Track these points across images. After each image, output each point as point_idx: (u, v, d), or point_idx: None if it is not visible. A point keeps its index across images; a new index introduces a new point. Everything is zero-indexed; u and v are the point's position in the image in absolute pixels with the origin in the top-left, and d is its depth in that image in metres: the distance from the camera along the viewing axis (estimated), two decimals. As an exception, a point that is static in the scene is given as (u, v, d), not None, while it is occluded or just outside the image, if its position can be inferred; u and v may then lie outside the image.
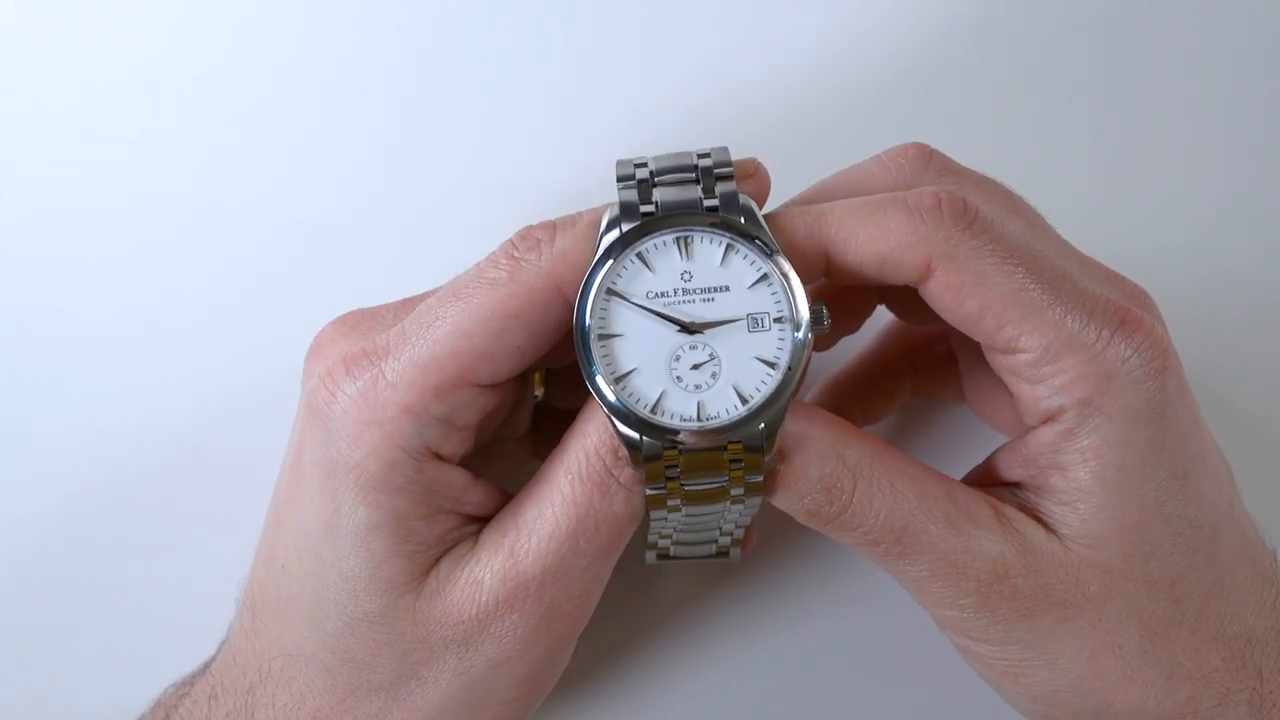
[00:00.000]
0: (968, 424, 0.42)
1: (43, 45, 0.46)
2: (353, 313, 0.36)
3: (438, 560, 0.33)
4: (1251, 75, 0.47)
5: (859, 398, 0.42)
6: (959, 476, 0.36)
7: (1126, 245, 0.39)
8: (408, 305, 0.35)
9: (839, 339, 0.41)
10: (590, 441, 0.32)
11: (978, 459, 0.37)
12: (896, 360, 0.42)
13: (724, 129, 0.45)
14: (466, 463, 0.38)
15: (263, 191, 0.45)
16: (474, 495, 0.34)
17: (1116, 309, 0.32)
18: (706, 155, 0.33)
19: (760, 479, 0.32)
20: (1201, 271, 0.45)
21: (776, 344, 0.31)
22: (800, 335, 0.31)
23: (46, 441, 0.44)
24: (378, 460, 0.32)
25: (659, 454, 0.31)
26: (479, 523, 0.34)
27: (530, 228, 0.33)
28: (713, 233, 0.31)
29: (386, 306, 0.36)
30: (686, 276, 0.31)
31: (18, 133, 0.46)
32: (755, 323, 0.31)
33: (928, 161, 0.35)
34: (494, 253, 0.33)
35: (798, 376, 0.31)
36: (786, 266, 0.31)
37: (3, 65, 0.46)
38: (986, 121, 0.47)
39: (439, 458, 0.33)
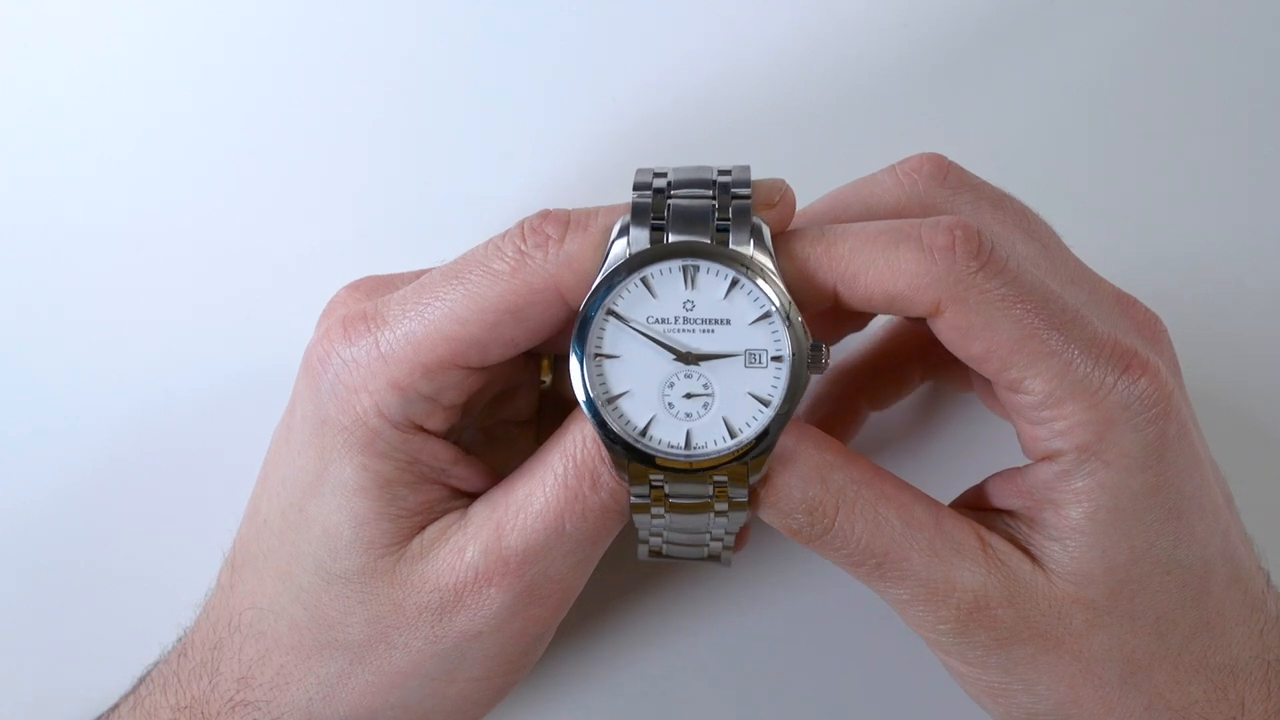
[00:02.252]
0: (980, 421, 0.42)
1: (43, 45, 0.45)
2: (368, 278, 0.37)
3: (423, 527, 0.34)
4: (1256, 83, 0.46)
5: (866, 387, 0.42)
6: (965, 473, 0.37)
7: (1135, 254, 0.38)
8: (423, 275, 0.35)
9: (845, 336, 0.41)
10: (590, 428, 0.33)
11: (983, 459, 0.37)
12: (906, 350, 0.42)
13: (733, 130, 0.44)
14: (469, 443, 0.38)
15: (259, 189, 0.45)
16: (460, 470, 0.35)
17: (1122, 353, 0.31)
18: (727, 172, 0.32)
19: (744, 498, 0.32)
20: (1209, 281, 0.45)
21: (772, 382, 0.31)
22: (795, 369, 0.31)
23: (41, 438, 0.45)
24: (363, 427, 0.33)
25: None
26: (469, 497, 0.35)
27: (544, 219, 0.32)
28: (720, 265, 0.31)
29: (401, 275, 0.36)
30: (689, 305, 0.31)
31: (14, 131, 0.45)
32: (753, 358, 0.31)
33: (944, 176, 0.34)
34: (503, 239, 0.32)
35: (789, 416, 0.31)
36: (766, 284, 0.31)
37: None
38: (998, 125, 0.46)
39: (423, 430, 0.34)
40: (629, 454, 0.31)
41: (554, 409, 0.41)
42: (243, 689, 0.35)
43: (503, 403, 0.40)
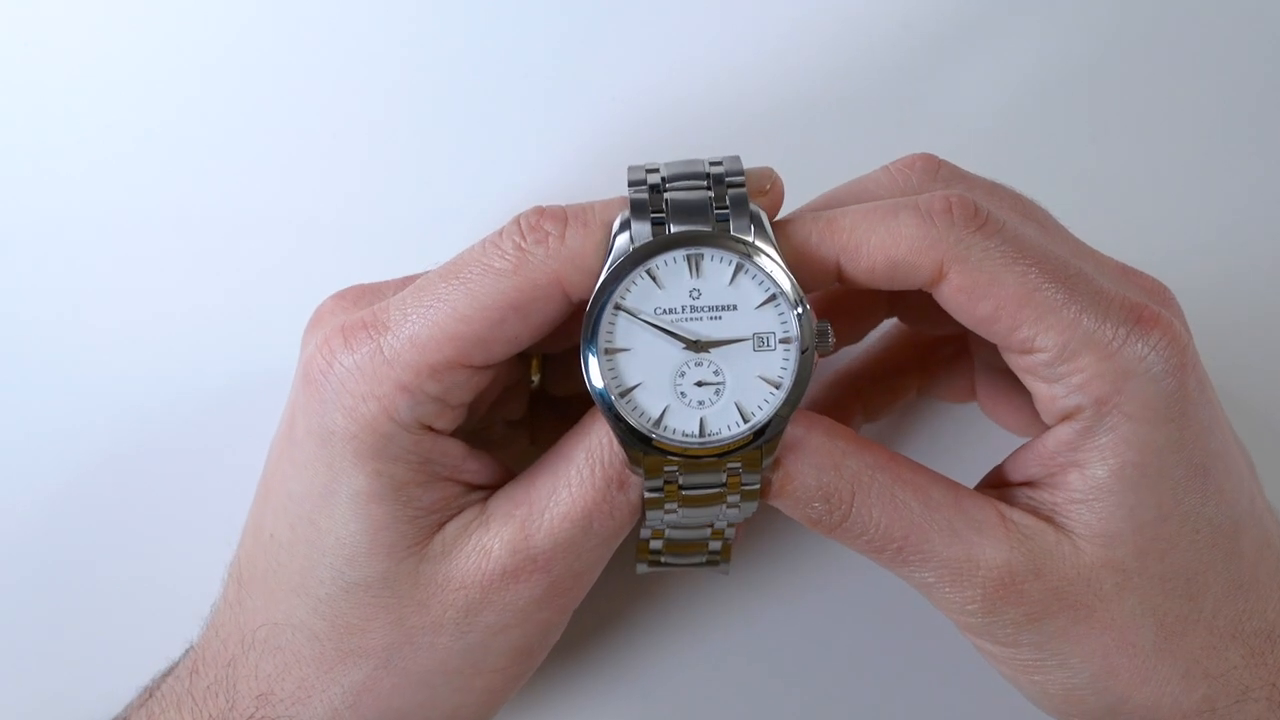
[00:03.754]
0: (981, 427, 0.42)
1: (43, 45, 0.46)
2: (354, 287, 0.37)
3: (442, 525, 0.34)
4: (1260, 72, 0.46)
5: (861, 395, 0.42)
6: (971, 478, 0.36)
7: (1138, 248, 0.39)
8: (408, 283, 0.35)
9: (841, 348, 0.41)
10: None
11: (990, 460, 0.37)
12: (903, 361, 0.42)
13: (729, 136, 0.45)
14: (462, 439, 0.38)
15: (255, 190, 0.45)
16: (472, 464, 0.35)
17: (1133, 306, 0.32)
18: (718, 163, 0.33)
19: (756, 485, 0.33)
20: (1215, 274, 0.45)
21: (781, 364, 0.32)
22: (804, 349, 0.31)
23: (40, 441, 0.45)
24: (373, 433, 0.32)
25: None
26: (482, 490, 0.35)
27: (541, 215, 0.32)
28: (723, 252, 0.32)
29: (387, 284, 0.36)
30: (695, 294, 0.32)
31: (13, 131, 0.45)
32: (761, 342, 0.32)
33: (936, 171, 0.35)
34: (501, 236, 0.32)
35: (801, 396, 0.31)
36: (770, 266, 0.31)
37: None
38: (994, 128, 0.46)
39: (433, 430, 0.33)
40: (644, 446, 0.32)
41: (545, 408, 0.42)
42: (263, 706, 0.34)
43: (495, 404, 0.40)
